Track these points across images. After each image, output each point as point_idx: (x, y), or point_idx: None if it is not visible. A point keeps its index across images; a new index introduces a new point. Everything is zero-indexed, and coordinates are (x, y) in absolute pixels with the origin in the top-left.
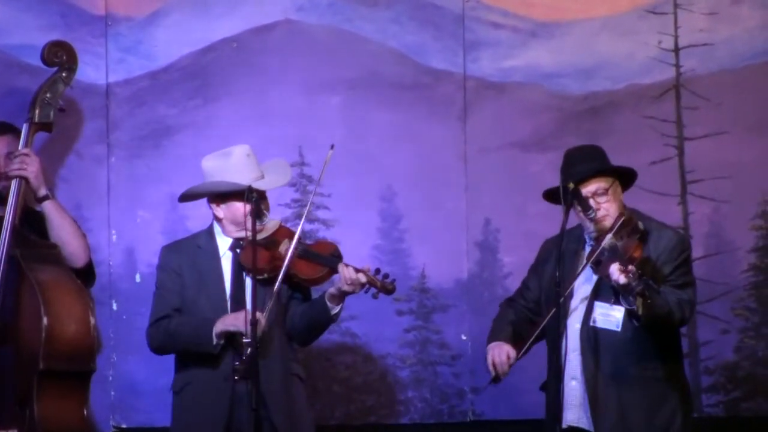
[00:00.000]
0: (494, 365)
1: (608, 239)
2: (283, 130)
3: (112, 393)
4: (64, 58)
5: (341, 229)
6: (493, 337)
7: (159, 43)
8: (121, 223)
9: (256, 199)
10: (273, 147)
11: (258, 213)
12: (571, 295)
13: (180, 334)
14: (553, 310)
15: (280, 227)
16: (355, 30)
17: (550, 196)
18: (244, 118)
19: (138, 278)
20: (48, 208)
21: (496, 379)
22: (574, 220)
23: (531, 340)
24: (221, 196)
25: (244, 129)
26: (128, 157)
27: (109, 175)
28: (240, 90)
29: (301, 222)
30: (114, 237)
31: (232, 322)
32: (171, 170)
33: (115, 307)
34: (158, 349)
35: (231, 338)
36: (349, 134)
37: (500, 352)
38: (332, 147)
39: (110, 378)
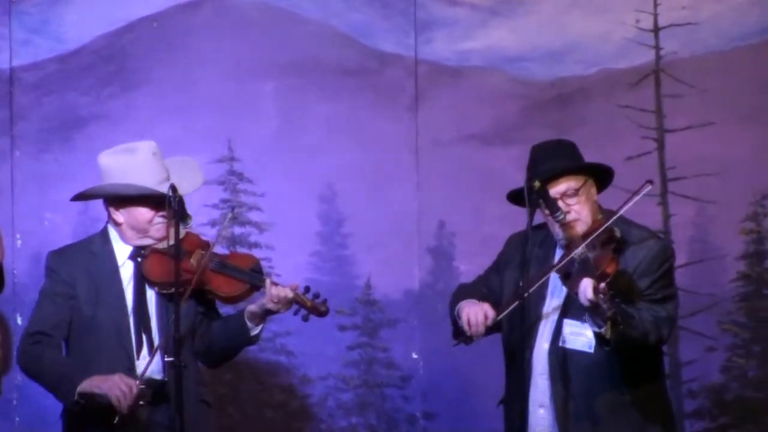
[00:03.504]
0: (469, 324)
1: (580, 249)
2: (210, 121)
3: (17, 419)
4: None
5: (276, 233)
6: (463, 299)
7: (69, 22)
8: (26, 225)
9: (171, 200)
10: (199, 140)
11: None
12: (536, 311)
13: (46, 371)
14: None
15: (188, 234)
16: (292, 8)
17: (515, 197)
18: (166, 107)
19: None
20: None
21: (468, 340)
22: (541, 220)
23: (511, 307)
24: (121, 199)
25: (165, 120)
26: (35, 151)
27: (13, 172)
28: (161, 76)
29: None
30: (18, 242)
31: (99, 384)
32: (83, 167)
33: (20, 321)
34: (24, 369)
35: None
36: (284, 126)
37: (477, 311)
38: (232, 210)
39: (14, 402)
